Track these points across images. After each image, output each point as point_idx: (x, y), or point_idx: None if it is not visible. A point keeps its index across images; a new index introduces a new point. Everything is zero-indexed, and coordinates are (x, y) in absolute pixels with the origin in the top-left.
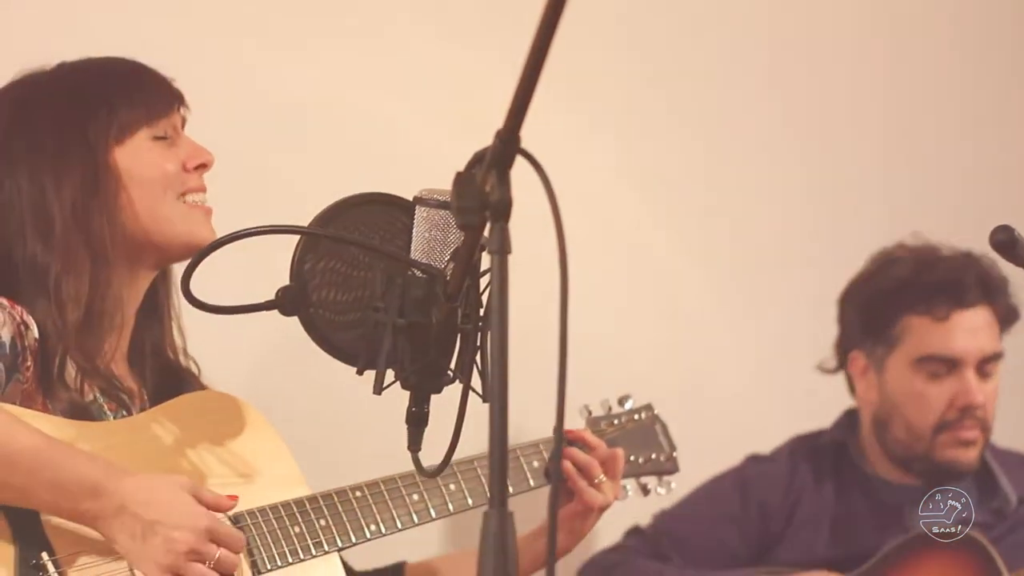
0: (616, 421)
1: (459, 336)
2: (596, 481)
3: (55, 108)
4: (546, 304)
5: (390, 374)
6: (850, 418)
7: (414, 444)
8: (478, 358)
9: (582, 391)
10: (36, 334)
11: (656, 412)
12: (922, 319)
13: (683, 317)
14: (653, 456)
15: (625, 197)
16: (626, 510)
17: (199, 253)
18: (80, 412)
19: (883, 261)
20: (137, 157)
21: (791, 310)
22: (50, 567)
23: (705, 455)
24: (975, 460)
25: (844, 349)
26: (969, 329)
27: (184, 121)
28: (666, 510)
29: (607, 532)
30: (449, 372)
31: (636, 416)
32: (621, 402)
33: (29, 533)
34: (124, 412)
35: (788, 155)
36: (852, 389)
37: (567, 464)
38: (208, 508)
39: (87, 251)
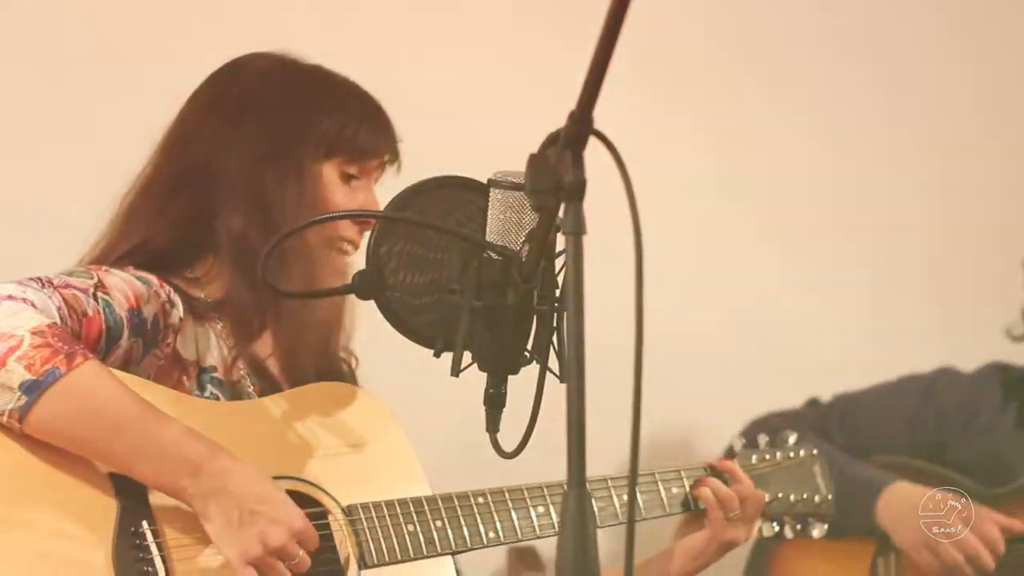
0: (768, 456)
1: (535, 317)
2: (731, 516)
3: (293, 95)
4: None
5: (467, 356)
6: None
7: (492, 426)
8: (554, 339)
9: (668, 377)
10: (181, 313)
11: (816, 452)
12: None
13: (760, 296)
14: (806, 496)
15: (708, 177)
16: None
17: (275, 238)
18: (225, 390)
19: None
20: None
21: (882, 295)
22: (149, 536)
23: None
24: None
25: None
26: None
27: (379, 177)
28: (848, 393)
29: None
30: (526, 353)
31: (792, 454)
32: (783, 439)
33: (134, 502)
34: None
35: (870, 134)
36: None
37: (707, 492)
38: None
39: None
